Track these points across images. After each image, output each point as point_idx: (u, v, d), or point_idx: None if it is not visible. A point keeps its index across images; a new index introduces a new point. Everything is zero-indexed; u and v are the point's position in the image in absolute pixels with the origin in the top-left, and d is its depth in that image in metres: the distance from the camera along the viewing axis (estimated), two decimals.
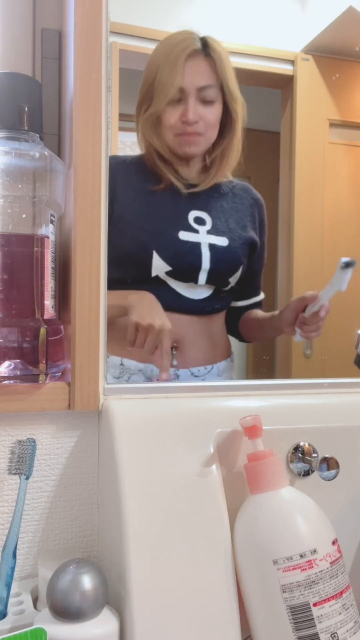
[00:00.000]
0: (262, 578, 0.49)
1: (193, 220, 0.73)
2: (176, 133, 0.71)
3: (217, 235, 0.73)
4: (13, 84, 0.57)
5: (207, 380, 0.73)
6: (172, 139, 0.71)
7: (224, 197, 0.75)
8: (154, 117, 0.70)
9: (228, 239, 0.74)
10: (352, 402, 0.66)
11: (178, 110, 0.70)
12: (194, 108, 0.71)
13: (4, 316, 0.56)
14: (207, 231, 0.73)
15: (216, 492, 0.54)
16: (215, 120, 0.72)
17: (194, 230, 0.72)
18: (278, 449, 0.57)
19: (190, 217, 0.73)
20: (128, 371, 0.70)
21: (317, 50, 0.77)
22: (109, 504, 0.57)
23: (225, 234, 0.74)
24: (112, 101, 0.66)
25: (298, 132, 0.77)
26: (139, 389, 0.62)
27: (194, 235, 0.72)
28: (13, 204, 0.56)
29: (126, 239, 0.70)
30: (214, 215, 0.74)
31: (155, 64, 0.71)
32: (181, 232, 0.72)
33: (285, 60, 0.76)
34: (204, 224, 0.73)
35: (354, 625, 0.49)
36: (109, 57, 0.61)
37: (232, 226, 0.74)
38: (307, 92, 0.78)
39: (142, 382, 0.70)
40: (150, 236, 0.71)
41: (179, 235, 0.72)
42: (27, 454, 0.55)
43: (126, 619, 0.49)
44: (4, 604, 0.53)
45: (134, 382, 0.70)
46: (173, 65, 0.70)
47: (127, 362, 0.70)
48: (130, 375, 0.70)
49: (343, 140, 0.80)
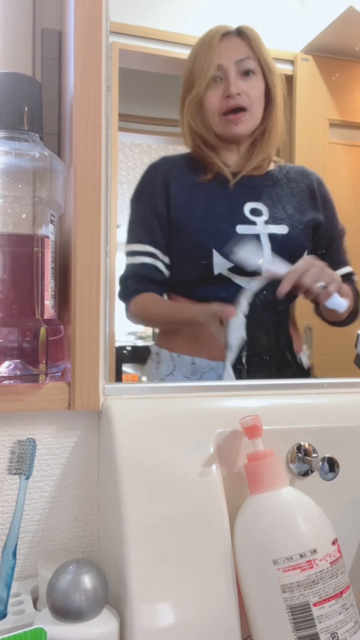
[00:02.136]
0: (262, 578, 0.49)
1: (249, 212, 0.72)
2: (221, 112, 0.71)
3: (275, 224, 0.72)
4: (13, 84, 0.57)
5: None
6: (218, 121, 0.71)
7: (278, 183, 0.74)
8: (196, 101, 0.70)
9: (288, 226, 0.73)
10: (352, 402, 0.66)
11: (220, 88, 0.71)
12: (235, 82, 0.71)
13: (4, 316, 0.56)
14: (264, 221, 0.72)
15: (216, 492, 0.54)
16: (259, 94, 0.72)
17: (251, 222, 0.72)
18: (278, 449, 0.57)
19: (246, 209, 0.72)
20: (200, 370, 0.70)
21: (317, 50, 0.77)
22: (109, 504, 0.57)
23: (284, 221, 0.73)
24: (112, 101, 0.66)
25: (298, 132, 0.77)
26: (139, 389, 0.62)
27: (251, 227, 0.71)
28: (13, 204, 0.56)
29: (186, 243, 0.70)
30: (270, 204, 0.73)
31: (192, 54, 0.71)
32: (238, 227, 0.71)
33: (285, 60, 0.76)
34: (260, 215, 0.72)
35: (354, 625, 0.49)
36: (109, 57, 0.61)
37: (291, 212, 0.73)
38: (307, 92, 0.78)
39: (213, 379, 0.70)
40: (208, 235, 0.71)
41: (236, 229, 0.71)
42: (27, 454, 0.55)
43: (126, 619, 0.49)
44: (4, 604, 0.53)
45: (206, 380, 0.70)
46: (208, 46, 0.71)
47: (198, 360, 0.70)
48: (202, 374, 0.70)
49: (343, 140, 0.80)
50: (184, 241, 0.70)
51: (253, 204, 0.72)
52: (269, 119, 0.73)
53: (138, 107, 0.70)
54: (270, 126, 0.73)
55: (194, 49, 0.71)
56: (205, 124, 0.71)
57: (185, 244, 0.70)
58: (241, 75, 0.71)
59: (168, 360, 0.68)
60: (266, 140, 0.73)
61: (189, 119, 0.71)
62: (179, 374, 0.66)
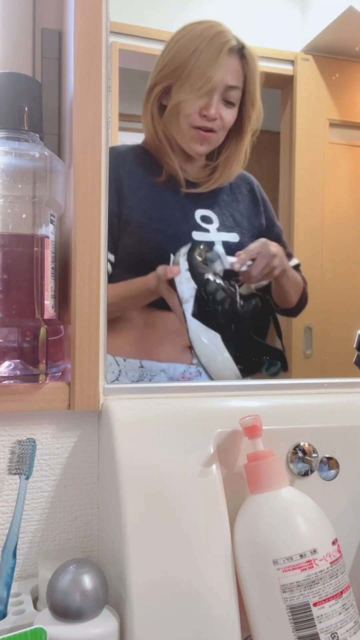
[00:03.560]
0: (262, 578, 0.49)
1: (200, 219, 0.71)
2: (193, 125, 0.69)
3: (227, 232, 0.72)
4: (13, 84, 0.58)
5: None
6: (187, 131, 0.69)
7: (222, 190, 0.74)
8: (175, 103, 0.68)
9: (238, 234, 0.72)
10: (352, 402, 0.66)
11: (200, 102, 0.69)
12: (217, 104, 0.69)
13: (4, 316, 0.56)
14: (216, 229, 0.71)
15: (216, 492, 0.54)
16: (231, 123, 0.72)
17: (204, 229, 0.71)
18: (278, 449, 0.57)
19: (197, 216, 0.71)
20: (149, 373, 0.68)
21: (317, 50, 0.77)
22: (109, 504, 0.57)
23: (234, 229, 0.72)
24: (112, 101, 0.66)
25: (298, 132, 0.77)
26: (139, 389, 0.62)
27: (205, 234, 0.71)
28: (13, 204, 0.56)
29: (138, 244, 0.68)
30: (218, 211, 0.72)
31: (191, 48, 0.69)
32: (194, 232, 0.70)
33: (285, 60, 0.76)
34: (211, 222, 0.71)
35: (354, 625, 0.49)
36: (109, 57, 0.61)
37: (239, 219, 0.73)
38: (307, 92, 0.78)
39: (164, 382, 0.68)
40: (165, 239, 0.69)
41: (192, 235, 0.70)
42: (27, 454, 0.55)
43: (126, 619, 0.49)
44: (4, 604, 0.53)
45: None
46: (215, 58, 0.69)
47: (147, 363, 0.68)
48: (152, 377, 0.68)
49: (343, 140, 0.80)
50: (135, 242, 0.68)
51: (203, 211, 0.71)
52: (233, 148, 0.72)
53: (138, 107, 0.69)
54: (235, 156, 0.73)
55: (192, 43, 0.69)
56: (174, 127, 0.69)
57: (137, 245, 0.68)
58: (223, 101, 0.71)
59: (112, 364, 0.66)
60: (229, 168, 0.73)
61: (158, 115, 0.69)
62: (125, 379, 0.64)
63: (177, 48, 0.69)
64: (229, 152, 0.72)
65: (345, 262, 0.80)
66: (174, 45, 0.69)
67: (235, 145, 0.73)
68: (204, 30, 0.70)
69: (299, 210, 0.78)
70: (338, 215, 0.80)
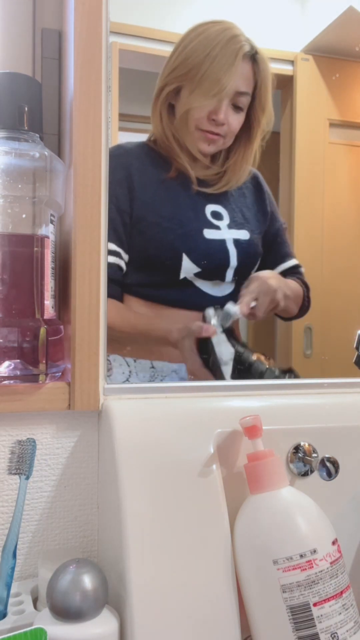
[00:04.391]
0: (262, 578, 0.49)
1: (211, 215, 0.70)
2: (200, 128, 0.69)
3: (237, 229, 0.71)
4: (13, 84, 0.58)
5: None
6: (193, 131, 0.69)
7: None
8: (186, 109, 0.68)
9: (248, 231, 0.71)
10: (352, 402, 0.66)
11: (209, 105, 0.69)
12: (226, 109, 0.69)
13: (4, 316, 0.56)
14: (227, 225, 0.70)
15: (216, 492, 0.54)
16: (237, 128, 0.71)
17: (215, 226, 0.70)
18: (278, 449, 0.57)
19: (208, 211, 0.70)
20: (160, 373, 0.68)
21: (317, 50, 0.77)
22: (109, 504, 0.57)
23: (244, 226, 0.71)
24: (112, 101, 0.66)
25: (298, 132, 0.77)
26: (139, 389, 0.62)
27: (216, 232, 0.70)
28: (13, 204, 0.56)
29: (150, 243, 0.67)
30: (228, 207, 0.71)
31: (205, 52, 0.68)
32: (205, 230, 0.69)
33: (285, 61, 0.76)
34: (221, 219, 0.70)
35: (354, 625, 0.49)
36: (109, 57, 0.61)
37: (247, 215, 0.72)
38: (307, 92, 0.78)
39: (176, 381, 0.68)
40: (177, 238, 0.68)
41: (204, 233, 0.69)
42: (27, 454, 0.55)
43: (126, 619, 0.49)
44: (4, 604, 0.53)
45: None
46: (230, 64, 0.68)
47: (158, 364, 0.68)
48: (163, 378, 0.67)
49: (343, 140, 0.80)
50: (147, 241, 0.67)
51: (213, 207, 0.71)
52: (241, 152, 0.72)
53: (138, 107, 0.70)
54: (242, 160, 0.72)
55: (206, 46, 0.68)
56: (182, 126, 0.69)
57: (149, 244, 0.67)
58: (232, 106, 0.70)
59: (122, 365, 0.66)
60: (238, 172, 0.72)
61: (167, 114, 0.68)
62: (135, 379, 0.64)
63: (189, 49, 0.68)
64: (237, 157, 0.72)
65: (345, 262, 0.80)
66: (186, 45, 0.68)
67: (244, 149, 0.72)
68: (218, 33, 0.69)
69: (299, 210, 0.78)
70: (338, 215, 0.80)
